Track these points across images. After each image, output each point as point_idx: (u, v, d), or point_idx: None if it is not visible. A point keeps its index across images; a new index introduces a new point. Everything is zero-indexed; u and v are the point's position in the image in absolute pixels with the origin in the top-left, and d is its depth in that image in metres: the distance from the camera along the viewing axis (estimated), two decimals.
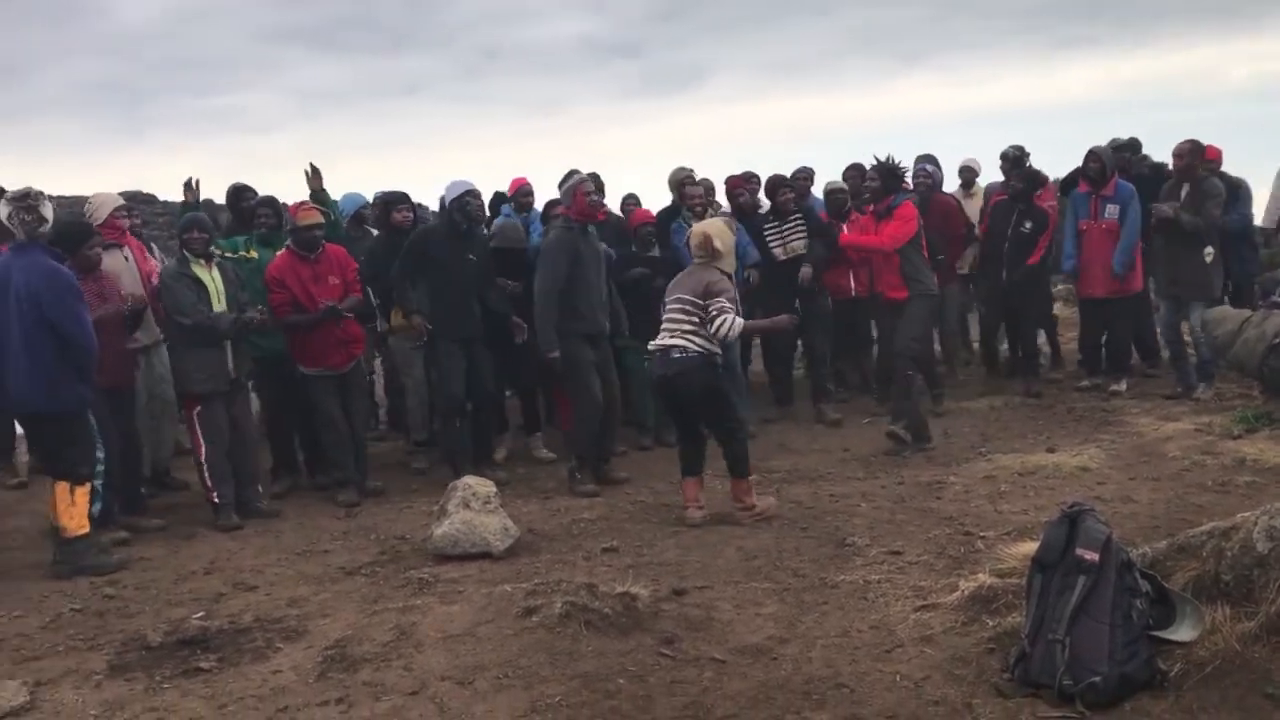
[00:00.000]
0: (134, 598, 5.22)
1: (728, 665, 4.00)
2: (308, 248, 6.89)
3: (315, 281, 6.86)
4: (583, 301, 6.90)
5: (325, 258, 6.96)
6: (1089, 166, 8.53)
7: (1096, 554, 3.55)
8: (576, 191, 6.96)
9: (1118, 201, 8.43)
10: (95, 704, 3.97)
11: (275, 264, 6.95)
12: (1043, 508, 5.61)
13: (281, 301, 6.82)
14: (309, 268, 6.87)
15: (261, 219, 7.33)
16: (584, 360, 6.93)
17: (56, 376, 5.54)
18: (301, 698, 3.89)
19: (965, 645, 3.97)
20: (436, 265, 7.06)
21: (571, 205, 6.98)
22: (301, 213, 7.02)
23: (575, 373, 6.94)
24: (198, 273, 6.41)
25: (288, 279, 6.82)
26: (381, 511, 6.63)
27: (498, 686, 3.86)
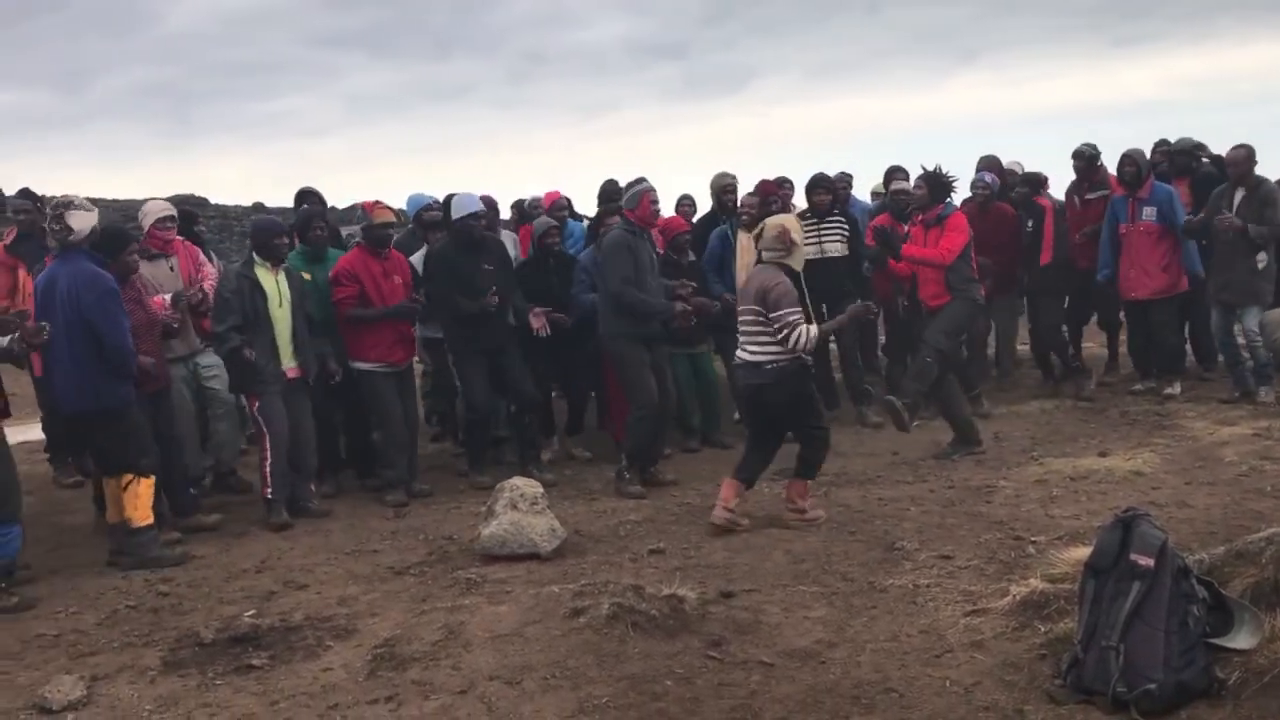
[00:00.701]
0: (187, 595, 5.30)
1: (775, 669, 3.99)
2: (380, 244, 7.01)
3: (385, 278, 6.99)
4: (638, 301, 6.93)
5: (393, 258, 7.09)
6: (1124, 170, 8.41)
7: (1152, 559, 3.49)
8: (644, 198, 7.06)
9: (1154, 203, 8.31)
10: (150, 699, 4.03)
11: (347, 258, 7.07)
12: (1095, 513, 5.52)
13: (348, 295, 6.91)
14: (380, 264, 6.99)
15: (317, 231, 7.31)
16: (641, 361, 6.98)
17: (98, 377, 5.68)
18: (351, 696, 3.93)
19: (1016, 651, 3.93)
20: (453, 280, 7.11)
21: (636, 209, 7.05)
22: (377, 210, 7.17)
23: (633, 373, 6.98)
24: (260, 276, 6.49)
25: (360, 273, 6.93)
26: (429, 512, 6.68)
27: (545, 687, 3.88)
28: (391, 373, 7.05)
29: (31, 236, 7.32)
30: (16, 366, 6.63)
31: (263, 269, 6.54)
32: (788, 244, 5.85)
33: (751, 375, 5.91)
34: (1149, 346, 8.78)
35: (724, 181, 8.59)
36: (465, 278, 7.08)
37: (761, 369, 5.83)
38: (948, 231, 7.30)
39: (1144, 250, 8.35)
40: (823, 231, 8.41)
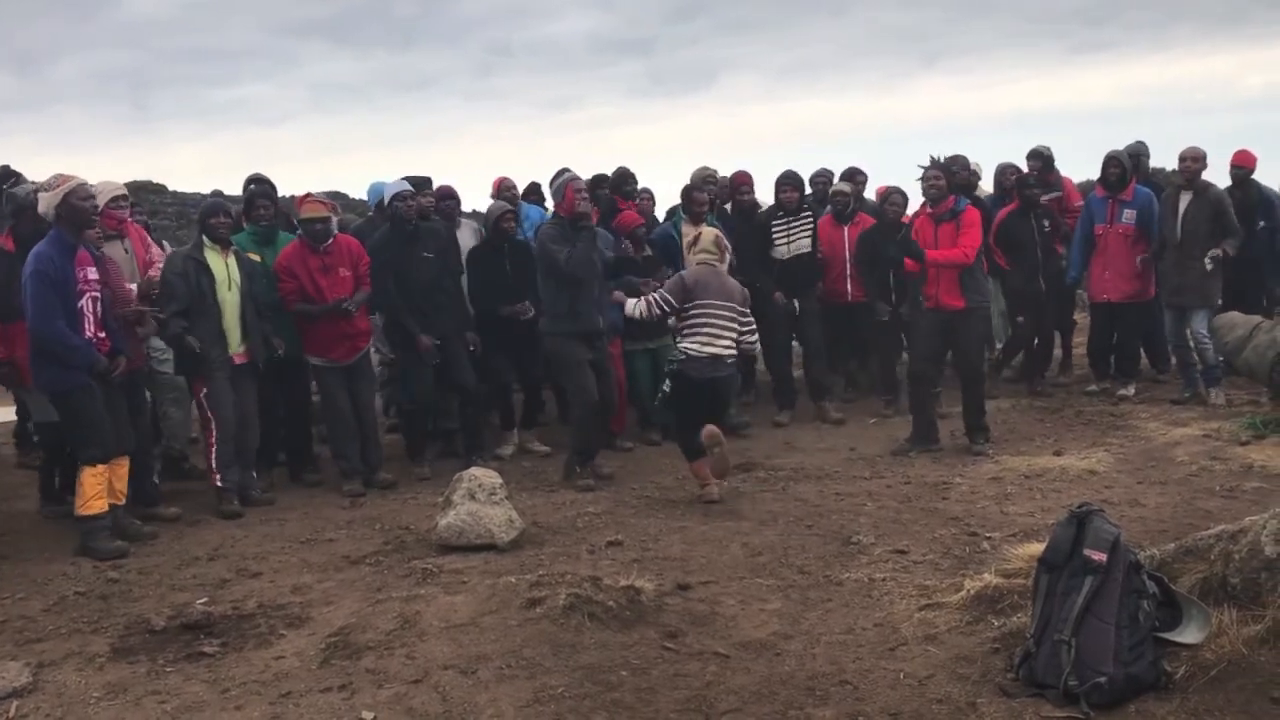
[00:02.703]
0: (137, 582, 5.22)
1: (731, 660, 4.00)
2: (316, 239, 6.86)
3: (324, 273, 6.83)
4: (579, 300, 6.88)
5: (336, 249, 6.91)
6: (1109, 171, 8.48)
7: (1104, 555, 3.53)
8: (566, 189, 6.95)
9: (1135, 206, 8.40)
10: (98, 686, 3.97)
11: (285, 253, 6.92)
12: (1049, 510, 5.59)
13: (290, 290, 6.80)
14: (318, 259, 6.84)
15: (260, 210, 7.17)
16: (578, 358, 6.93)
17: (36, 360, 5.70)
18: (304, 684, 3.89)
19: (970, 645, 3.96)
20: (393, 269, 7.04)
21: (561, 203, 6.99)
22: (305, 205, 7.00)
23: (570, 371, 6.99)
24: (210, 259, 6.40)
25: (296, 269, 6.80)
26: (386, 502, 6.63)
27: (500, 677, 3.86)
28: (335, 367, 6.97)
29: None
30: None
31: (212, 251, 6.44)
32: (721, 250, 6.58)
33: (717, 368, 6.35)
34: (1109, 349, 8.89)
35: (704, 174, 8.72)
36: (404, 267, 7.03)
37: (724, 362, 6.39)
38: (965, 228, 7.20)
39: (1120, 253, 8.46)
40: (792, 228, 8.44)
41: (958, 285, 7.17)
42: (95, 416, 5.73)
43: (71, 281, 5.62)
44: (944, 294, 7.24)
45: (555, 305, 6.91)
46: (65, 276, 5.60)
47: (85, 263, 5.74)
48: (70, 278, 5.62)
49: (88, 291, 5.72)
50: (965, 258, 7.16)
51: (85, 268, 5.72)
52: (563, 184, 7.01)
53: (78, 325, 5.65)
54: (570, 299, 6.86)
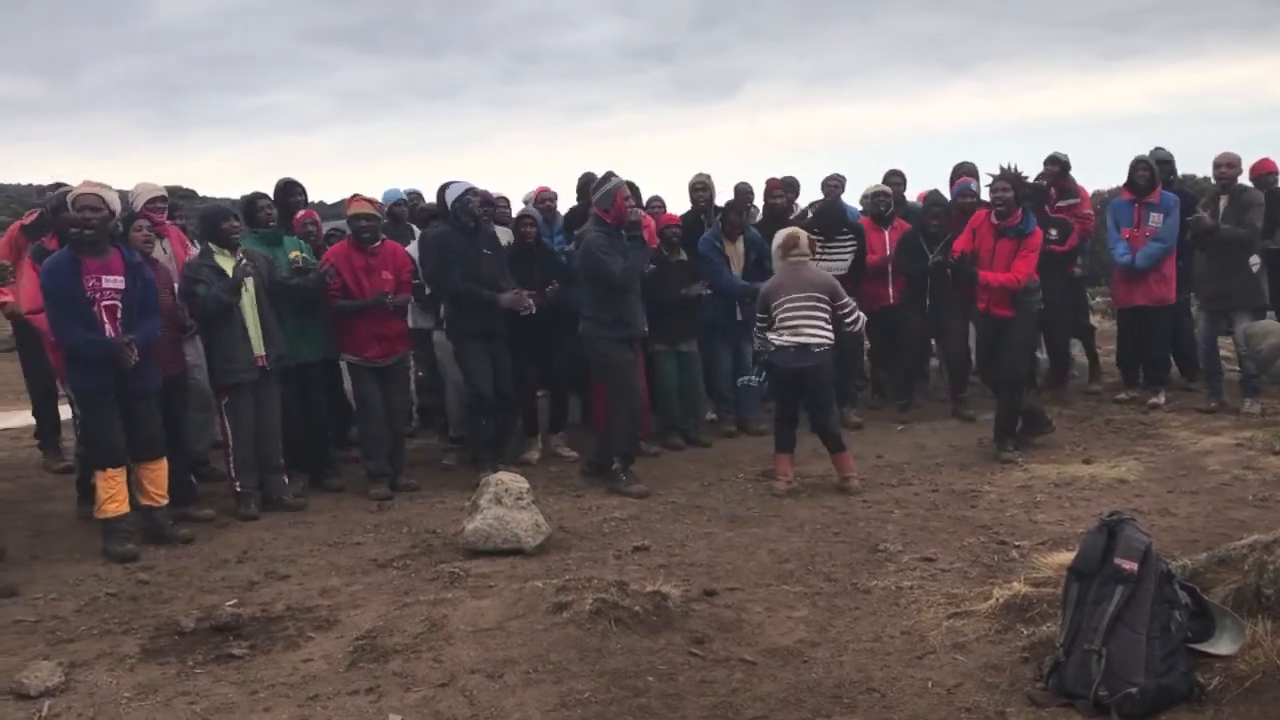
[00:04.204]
0: (167, 584, 5.27)
1: (758, 667, 3.99)
2: (360, 238, 6.92)
3: (368, 273, 6.90)
4: (625, 305, 6.91)
5: (382, 252, 6.98)
6: (1138, 175, 8.41)
7: (1135, 564, 3.50)
8: (617, 195, 6.87)
9: (1162, 210, 8.34)
10: (129, 687, 4.00)
11: (332, 250, 7.03)
12: (1079, 518, 5.55)
13: (332, 287, 6.86)
14: (364, 259, 6.91)
15: (262, 214, 7.13)
16: (626, 362, 6.96)
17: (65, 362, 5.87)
18: (332, 686, 3.91)
19: (999, 654, 3.94)
20: (453, 264, 7.08)
21: (610, 209, 6.88)
22: (354, 203, 7.07)
23: (619, 374, 6.95)
24: (221, 264, 6.43)
25: (341, 267, 6.87)
26: (413, 505, 6.65)
27: (527, 681, 3.87)
28: (370, 367, 7.01)
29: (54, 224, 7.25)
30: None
31: (221, 256, 6.47)
32: (804, 249, 6.73)
33: (803, 358, 6.54)
34: (1138, 355, 8.81)
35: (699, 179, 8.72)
36: (466, 261, 7.06)
37: (812, 352, 6.54)
38: (1024, 253, 7.14)
39: None
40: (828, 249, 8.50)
41: (1007, 297, 7.22)
42: (106, 422, 5.79)
43: (76, 289, 5.60)
44: (994, 304, 7.32)
45: (602, 311, 6.86)
46: (66, 284, 5.61)
47: (100, 270, 5.69)
48: (72, 285, 5.60)
49: (102, 299, 5.68)
50: (1016, 283, 7.14)
51: (99, 275, 5.68)
52: (611, 190, 6.87)
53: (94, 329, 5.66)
54: (617, 305, 6.87)
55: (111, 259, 5.76)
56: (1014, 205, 7.17)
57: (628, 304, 6.93)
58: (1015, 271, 7.13)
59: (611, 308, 6.85)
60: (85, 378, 5.75)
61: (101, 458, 5.82)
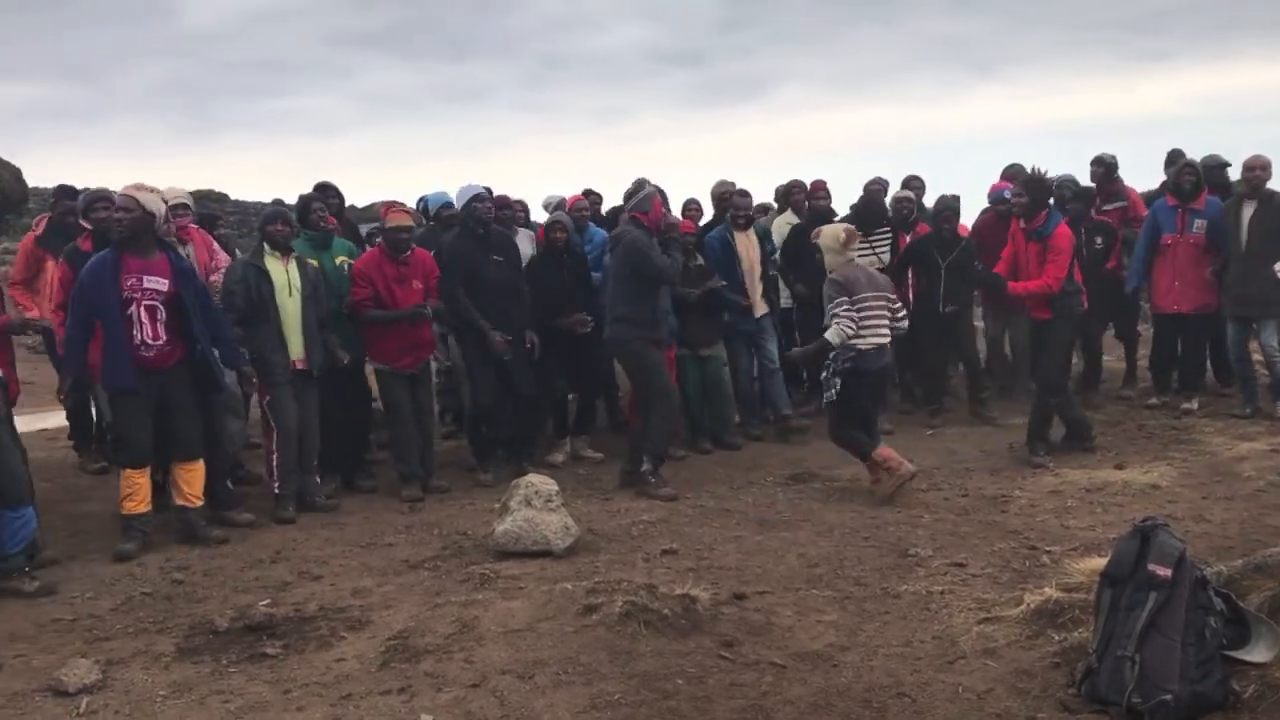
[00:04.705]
0: (202, 583, 5.32)
1: (788, 671, 3.98)
2: (397, 249, 6.95)
3: (400, 283, 6.93)
4: (656, 307, 6.97)
5: (413, 260, 7.02)
6: (1184, 179, 8.30)
7: (1169, 570, 3.48)
8: (654, 200, 7.01)
9: (1206, 216, 8.23)
10: (164, 685, 4.05)
11: (364, 260, 7.06)
12: (1111, 524, 5.52)
13: (364, 297, 6.90)
14: (395, 268, 6.94)
15: (317, 215, 7.22)
16: (657, 362, 7.00)
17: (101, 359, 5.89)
18: (364, 686, 3.94)
19: (1030, 659, 3.92)
20: (458, 275, 7.12)
21: (648, 213, 6.96)
22: (391, 214, 7.09)
23: (652, 373, 6.98)
24: (269, 265, 6.51)
25: (374, 277, 6.90)
26: (444, 507, 6.69)
27: (557, 682, 3.88)
28: (400, 374, 7.06)
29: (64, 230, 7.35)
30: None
31: (272, 258, 6.54)
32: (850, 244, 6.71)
33: (882, 357, 6.69)
34: (1174, 361, 8.72)
35: (724, 188, 8.74)
36: (474, 270, 7.10)
37: (887, 350, 6.73)
38: (1052, 255, 7.07)
39: (1190, 263, 8.28)
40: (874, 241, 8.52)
41: (1044, 299, 7.18)
42: (135, 423, 5.87)
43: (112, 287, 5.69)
44: (1033, 307, 7.32)
45: (636, 311, 6.89)
46: (103, 281, 5.70)
47: (141, 270, 5.77)
48: (108, 283, 5.69)
49: (142, 300, 5.76)
50: (1047, 289, 7.09)
51: (140, 275, 5.77)
52: (648, 196, 7.02)
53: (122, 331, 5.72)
54: (651, 305, 6.92)
55: (156, 260, 5.83)
56: (1032, 208, 7.12)
57: (658, 305, 6.98)
58: (1045, 277, 7.08)
59: (645, 307, 6.89)
60: (114, 377, 5.82)
61: (128, 457, 5.91)
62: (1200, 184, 8.27)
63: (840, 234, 6.66)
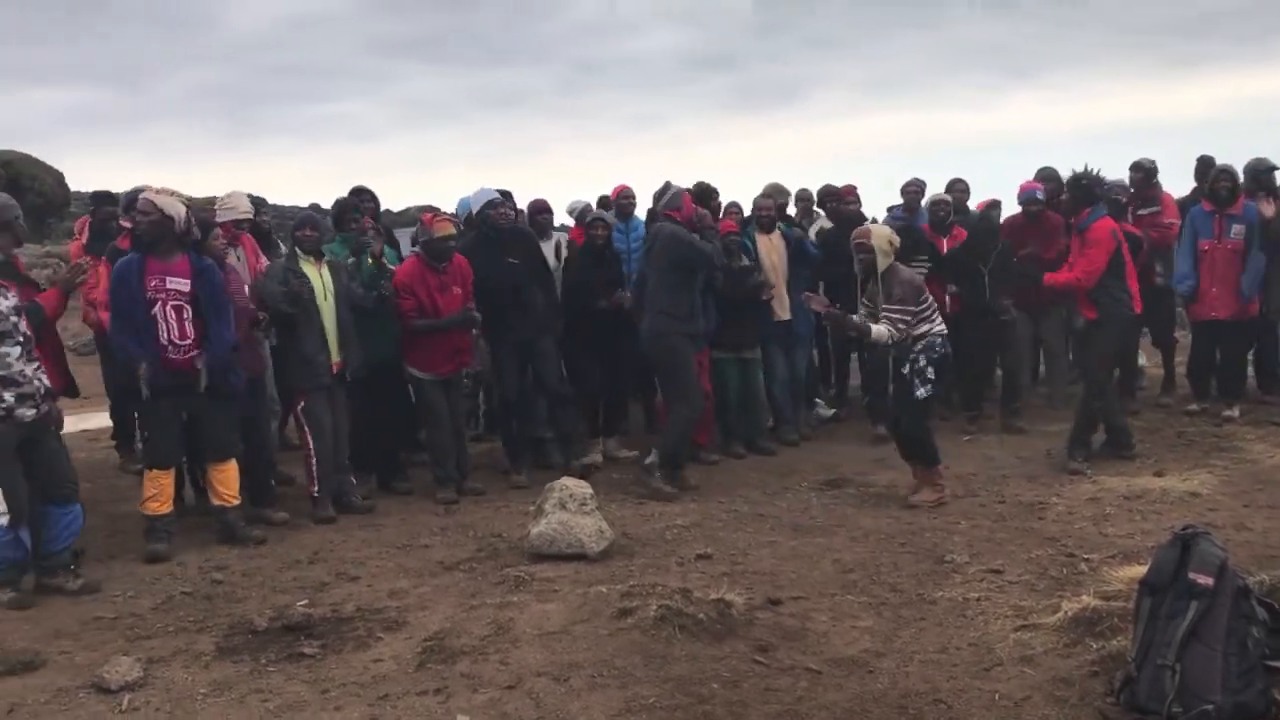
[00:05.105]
0: (241, 583, 5.38)
1: (823, 676, 3.98)
2: (438, 258, 6.99)
3: (441, 291, 6.98)
4: (695, 302, 7.02)
5: (452, 268, 7.07)
6: (1220, 185, 8.22)
7: (1211, 578, 3.44)
8: (685, 197, 7.12)
9: (1244, 221, 8.14)
10: (204, 683, 4.10)
11: (404, 270, 7.11)
12: (1150, 532, 5.46)
13: (409, 308, 6.94)
14: (436, 277, 6.99)
15: (353, 223, 7.33)
16: (688, 360, 7.04)
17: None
18: (401, 686, 3.97)
19: (1068, 667, 3.89)
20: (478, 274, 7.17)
21: (681, 209, 7.08)
22: (436, 224, 7.15)
23: (681, 371, 7.00)
24: (306, 270, 6.57)
25: (416, 288, 6.94)
26: (479, 509, 6.73)
27: (592, 685, 3.90)
28: (436, 379, 7.11)
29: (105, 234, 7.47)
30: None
31: (306, 263, 6.61)
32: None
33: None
34: (1212, 368, 8.62)
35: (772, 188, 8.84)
36: (486, 271, 7.15)
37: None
38: (1086, 249, 7.04)
39: (1228, 269, 8.20)
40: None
41: (1088, 297, 7.13)
42: (161, 424, 5.96)
43: (134, 291, 5.79)
44: (1081, 304, 7.28)
45: (676, 307, 6.94)
46: (128, 282, 5.81)
47: (164, 271, 5.84)
48: (134, 284, 5.79)
49: (167, 300, 5.82)
50: (1078, 282, 7.06)
51: (164, 276, 5.83)
52: (678, 193, 7.12)
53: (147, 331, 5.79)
54: (690, 300, 6.97)
55: (176, 262, 5.89)
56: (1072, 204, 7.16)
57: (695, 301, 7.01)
58: (1076, 270, 7.06)
59: (685, 301, 6.94)
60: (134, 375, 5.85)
61: (152, 458, 5.98)
62: (1236, 189, 8.19)
63: (893, 236, 6.64)
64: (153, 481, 5.93)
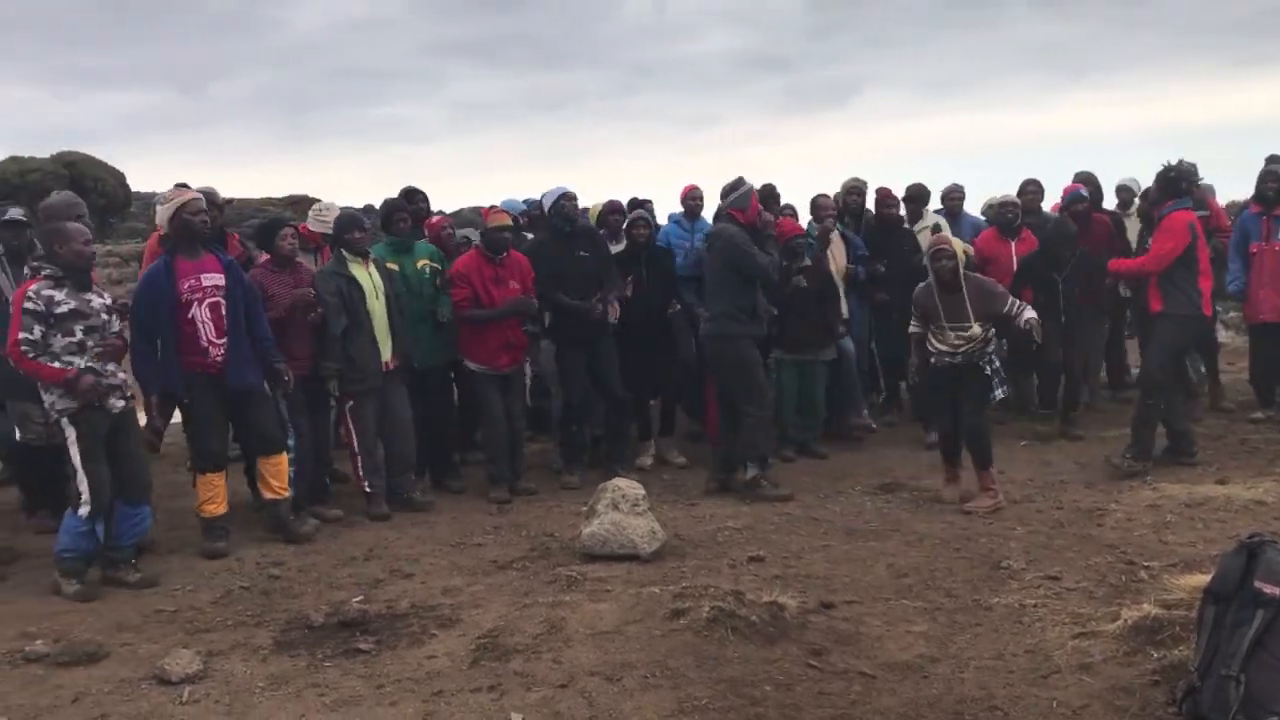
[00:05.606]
0: (297, 579, 5.46)
1: (877, 681, 3.95)
2: (495, 249, 7.07)
3: (497, 283, 7.04)
4: (757, 302, 6.97)
5: (509, 262, 7.13)
6: (1266, 187, 8.09)
7: (1278, 588, 3.37)
8: (753, 197, 7.01)
9: None
10: (262, 677, 4.16)
11: (462, 261, 7.19)
12: (1213, 540, 5.35)
13: (463, 298, 7.02)
14: (493, 269, 7.05)
15: (401, 224, 7.37)
16: (757, 360, 7.01)
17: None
18: (455, 683, 4.00)
19: (1128, 676, 3.83)
20: (549, 270, 7.21)
21: (746, 210, 6.95)
22: (492, 215, 7.28)
23: (751, 372, 6.94)
24: (354, 272, 6.63)
25: (472, 278, 7.02)
26: (531, 509, 6.77)
27: (645, 685, 3.90)
28: (494, 375, 7.15)
29: None
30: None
31: (355, 264, 6.67)
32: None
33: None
34: (1274, 372, 8.44)
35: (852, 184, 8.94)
36: (561, 267, 7.19)
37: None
38: (1157, 236, 6.99)
39: (1277, 271, 8.06)
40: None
41: (1157, 288, 7.03)
42: (204, 428, 6.02)
43: (169, 296, 5.77)
44: (1150, 296, 7.15)
45: (737, 307, 6.87)
46: (158, 292, 5.79)
47: (197, 270, 5.85)
48: (166, 292, 5.78)
49: (204, 299, 5.84)
50: (1143, 267, 7.06)
51: (198, 275, 5.84)
52: (746, 192, 6.97)
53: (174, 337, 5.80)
54: (751, 300, 6.92)
55: (205, 259, 5.92)
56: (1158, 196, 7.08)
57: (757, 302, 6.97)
58: (1144, 256, 7.00)
59: (746, 302, 6.88)
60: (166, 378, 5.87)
61: (200, 462, 6.05)
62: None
63: (967, 246, 6.77)
64: (206, 485, 5.99)
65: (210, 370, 5.89)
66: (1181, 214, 6.94)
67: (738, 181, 6.98)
